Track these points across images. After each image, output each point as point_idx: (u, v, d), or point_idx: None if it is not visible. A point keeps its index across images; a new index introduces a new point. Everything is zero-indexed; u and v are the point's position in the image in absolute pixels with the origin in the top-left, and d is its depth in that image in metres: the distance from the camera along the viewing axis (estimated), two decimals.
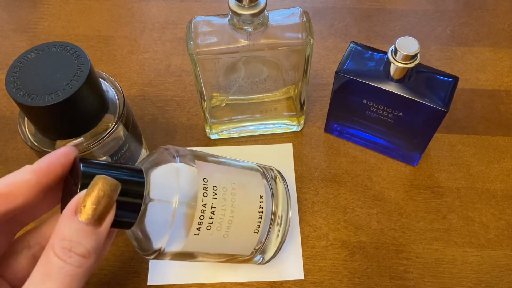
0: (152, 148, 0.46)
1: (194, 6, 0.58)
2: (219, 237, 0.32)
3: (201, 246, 0.32)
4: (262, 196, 0.34)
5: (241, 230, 0.33)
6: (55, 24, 0.56)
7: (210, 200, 0.31)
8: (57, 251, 0.24)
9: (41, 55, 0.32)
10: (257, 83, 0.42)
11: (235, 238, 0.33)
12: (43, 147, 0.34)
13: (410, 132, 0.42)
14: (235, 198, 0.32)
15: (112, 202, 0.26)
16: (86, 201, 0.25)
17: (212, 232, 0.31)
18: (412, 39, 0.36)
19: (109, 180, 0.26)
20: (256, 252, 0.35)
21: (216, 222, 0.31)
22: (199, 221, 0.31)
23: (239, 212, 0.32)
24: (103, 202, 0.25)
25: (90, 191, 0.25)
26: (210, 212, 0.31)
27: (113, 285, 0.39)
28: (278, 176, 0.37)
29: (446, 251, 0.40)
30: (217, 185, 0.32)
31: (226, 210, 0.32)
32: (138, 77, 0.52)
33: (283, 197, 0.36)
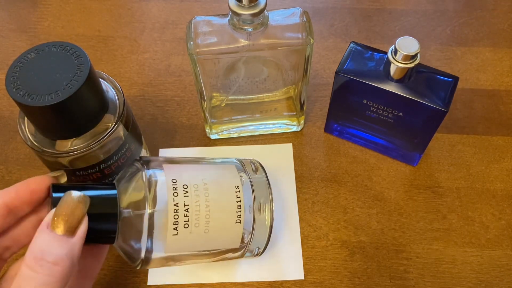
0: (152, 148, 0.46)
1: (194, 6, 0.58)
2: (200, 234, 0.32)
3: (184, 247, 0.32)
4: (237, 186, 0.34)
5: (222, 222, 0.33)
6: (55, 24, 0.56)
7: (182, 199, 0.31)
8: (28, 262, 0.25)
9: (41, 55, 0.32)
10: (257, 83, 0.42)
11: (218, 232, 0.33)
12: (43, 147, 0.34)
13: (410, 132, 0.42)
14: (208, 192, 0.32)
15: (81, 212, 0.27)
16: (56, 214, 0.26)
17: (191, 230, 0.31)
18: (412, 39, 0.36)
19: (76, 193, 0.28)
20: (247, 245, 0.35)
21: (193, 219, 0.31)
22: (174, 221, 0.31)
23: (215, 205, 0.32)
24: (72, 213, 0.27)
25: (59, 205, 0.27)
26: (184, 210, 0.31)
27: (113, 285, 0.39)
28: (259, 168, 0.37)
29: (446, 251, 0.40)
30: (187, 183, 0.32)
31: (200, 206, 0.32)
32: (138, 77, 0.52)
33: (264, 185, 0.36)
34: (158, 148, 0.47)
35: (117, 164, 0.37)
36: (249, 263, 0.40)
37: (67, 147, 0.34)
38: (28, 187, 0.29)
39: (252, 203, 0.34)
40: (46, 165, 0.37)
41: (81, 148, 0.34)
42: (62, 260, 0.25)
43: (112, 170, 0.37)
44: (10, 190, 0.29)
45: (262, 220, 0.35)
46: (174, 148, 0.47)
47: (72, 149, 0.34)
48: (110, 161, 0.36)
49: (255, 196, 0.35)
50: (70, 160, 0.35)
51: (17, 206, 0.29)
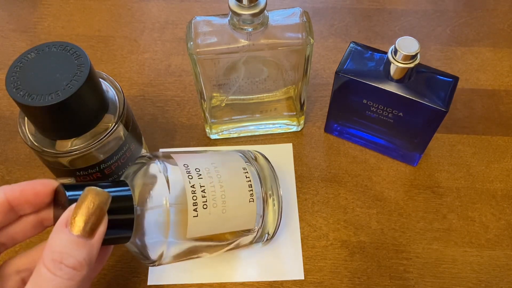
0: (152, 148, 0.46)
1: (194, 6, 0.58)
2: (219, 214, 0.32)
3: (204, 229, 0.32)
4: (244, 168, 0.34)
5: (237, 202, 0.33)
6: (55, 24, 0.56)
7: (197, 180, 0.31)
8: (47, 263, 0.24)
9: (41, 55, 0.32)
10: (257, 83, 0.42)
11: (234, 212, 0.33)
12: (43, 147, 0.34)
13: (410, 132, 0.42)
14: (220, 174, 0.33)
15: (103, 213, 0.26)
16: (77, 213, 0.25)
17: (210, 211, 0.32)
18: (412, 39, 0.36)
19: (99, 191, 0.26)
20: (259, 229, 0.35)
21: (211, 199, 0.32)
22: (193, 202, 0.31)
23: (228, 185, 0.33)
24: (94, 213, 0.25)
25: (80, 203, 0.25)
26: (201, 191, 0.31)
27: (113, 285, 0.39)
28: (258, 156, 0.38)
29: (446, 251, 0.40)
30: (199, 167, 0.32)
31: (215, 186, 0.32)
32: (138, 77, 0.52)
33: (268, 172, 0.36)
34: (158, 148, 0.47)
35: (117, 164, 0.37)
36: (249, 263, 0.40)
37: (67, 147, 0.34)
38: (34, 188, 0.29)
39: (260, 190, 0.35)
40: (46, 165, 0.37)
41: (81, 148, 0.34)
42: (81, 264, 0.25)
43: (112, 170, 0.37)
44: (15, 187, 0.28)
45: (270, 204, 0.36)
46: (174, 148, 0.47)
47: (72, 149, 0.34)
48: (110, 161, 0.36)
49: (262, 183, 0.35)
50: (70, 160, 0.35)
51: (19, 205, 0.29)
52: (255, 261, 0.40)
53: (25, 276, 0.30)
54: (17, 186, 0.28)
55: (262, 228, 0.35)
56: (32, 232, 0.30)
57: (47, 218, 0.30)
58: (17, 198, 0.28)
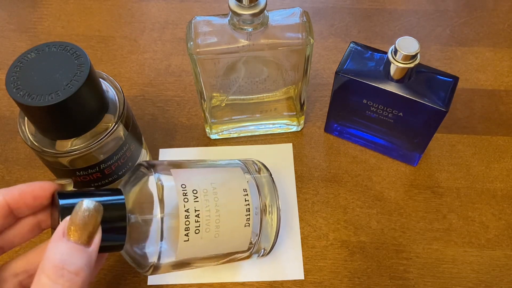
0: (152, 148, 0.46)
1: (194, 6, 0.58)
2: (211, 239, 0.32)
3: (194, 252, 0.32)
4: (245, 189, 0.34)
5: (231, 226, 0.33)
6: (55, 24, 0.56)
7: (192, 204, 0.31)
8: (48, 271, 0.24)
9: (41, 55, 0.32)
10: (257, 83, 0.42)
11: (227, 236, 0.33)
12: (43, 147, 0.34)
13: (410, 132, 0.42)
14: (217, 197, 0.32)
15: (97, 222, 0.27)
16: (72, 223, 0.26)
17: (202, 235, 0.31)
18: (412, 39, 0.36)
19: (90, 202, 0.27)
20: (254, 246, 0.35)
21: (204, 224, 0.31)
22: (185, 227, 0.31)
23: (225, 209, 0.32)
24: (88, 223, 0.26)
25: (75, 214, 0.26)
26: (195, 215, 0.31)
27: (113, 285, 0.39)
28: (262, 167, 0.37)
29: (446, 251, 0.40)
30: (197, 188, 0.32)
31: (211, 211, 0.32)
32: (138, 77, 0.52)
33: (269, 187, 0.36)
34: (158, 148, 0.47)
35: (117, 164, 0.37)
36: (249, 263, 0.40)
37: (67, 147, 0.34)
38: (32, 191, 0.29)
39: (258, 205, 0.34)
40: (46, 165, 0.37)
41: (81, 148, 0.34)
42: (83, 270, 0.25)
43: (112, 170, 0.37)
44: (13, 190, 0.28)
45: (269, 221, 0.35)
46: (174, 148, 0.47)
47: (72, 149, 0.34)
48: (110, 161, 0.36)
49: (261, 197, 0.35)
50: (70, 160, 0.35)
51: (18, 208, 0.29)
52: (255, 261, 0.40)
53: (22, 279, 0.30)
54: (16, 190, 0.29)
55: (258, 244, 0.35)
56: (30, 235, 0.30)
57: (44, 220, 0.31)
58: (16, 201, 0.28)
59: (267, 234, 0.35)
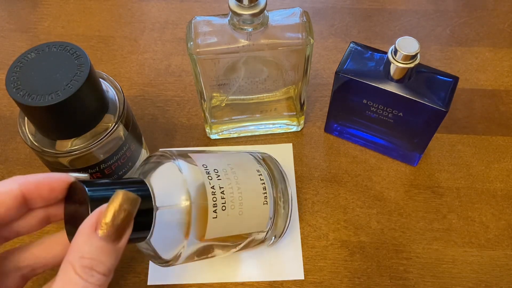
0: (152, 148, 0.46)
1: (194, 6, 0.58)
2: (236, 216, 0.32)
3: (222, 230, 0.32)
4: (258, 170, 0.35)
5: (253, 204, 0.33)
6: (55, 24, 0.56)
7: (216, 182, 0.32)
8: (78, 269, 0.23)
9: (41, 55, 0.32)
10: (257, 83, 0.42)
11: (250, 214, 0.33)
12: (43, 147, 0.34)
13: (410, 132, 0.42)
14: (237, 176, 0.33)
15: (132, 217, 0.25)
16: (107, 217, 0.24)
17: (228, 212, 0.32)
18: (412, 39, 0.36)
19: (130, 195, 0.25)
20: (269, 230, 0.35)
21: (229, 201, 0.32)
22: (213, 203, 0.31)
23: (245, 187, 0.33)
24: (124, 218, 0.24)
25: (112, 207, 0.24)
26: (220, 192, 0.31)
27: (113, 285, 0.39)
28: (265, 157, 0.38)
29: (446, 251, 0.40)
30: (217, 167, 0.32)
31: (233, 188, 0.32)
32: (138, 77, 0.52)
33: (278, 174, 0.36)
34: (158, 148, 0.47)
35: (117, 164, 0.37)
36: (249, 263, 0.40)
37: (67, 147, 0.34)
38: (50, 183, 0.27)
39: (271, 191, 0.35)
40: (46, 165, 0.37)
41: (81, 148, 0.34)
42: (110, 270, 0.24)
43: (112, 170, 0.37)
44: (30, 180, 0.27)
45: (281, 208, 0.36)
46: (174, 148, 0.47)
47: (72, 149, 0.34)
48: (110, 161, 0.36)
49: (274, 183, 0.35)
50: (70, 160, 0.35)
51: (32, 199, 0.27)
52: (255, 261, 0.40)
53: (26, 273, 0.29)
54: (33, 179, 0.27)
55: (271, 230, 0.36)
56: (37, 227, 0.29)
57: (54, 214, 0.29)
58: (32, 192, 0.27)
59: (280, 221, 0.36)
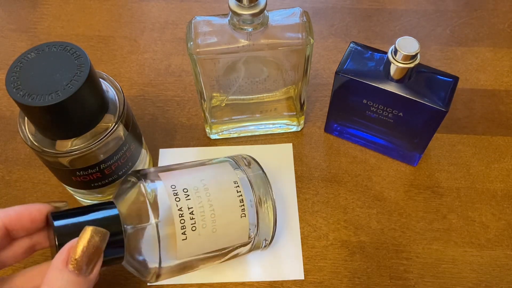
0: (152, 148, 0.46)
1: (194, 6, 0.58)
2: (209, 234, 0.32)
3: (194, 250, 0.32)
4: (236, 181, 0.34)
5: (227, 219, 0.33)
6: (55, 24, 0.56)
7: (185, 202, 0.31)
8: None
9: (41, 55, 0.32)
10: (257, 83, 0.42)
11: (225, 229, 0.33)
12: (43, 147, 0.34)
13: (410, 132, 0.42)
14: (209, 192, 0.33)
15: (101, 250, 0.27)
16: (77, 252, 0.26)
17: (199, 232, 0.32)
18: (412, 39, 0.36)
19: (98, 230, 0.27)
20: (254, 238, 0.35)
21: (199, 221, 0.32)
22: (181, 225, 0.31)
23: (218, 203, 0.33)
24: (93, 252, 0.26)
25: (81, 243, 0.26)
26: (189, 213, 0.31)
27: (113, 285, 0.39)
28: (252, 161, 0.37)
29: (446, 251, 0.40)
30: (187, 187, 0.32)
31: (204, 206, 0.32)
32: (138, 77, 0.52)
33: (260, 179, 0.36)
34: (158, 148, 0.47)
35: (117, 164, 0.37)
36: (249, 263, 0.40)
37: (67, 147, 0.34)
38: (30, 214, 0.29)
39: (252, 198, 0.34)
40: (46, 165, 0.37)
41: (81, 148, 0.34)
42: None
43: (112, 170, 0.37)
44: (11, 213, 0.29)
45: (265, 212, 0.35)
46: (174, 148, 0.47)
47: (72, 149, 0.34)
48: (110, 161, 0.36)
49: (254, 190, 0.35)
50: (70, 160, 0.35)
51: (14, 230, 0.29)
52: (255, 261, 0.40)
53: None
54: (14, 211, 0.29)
55: (258, 235, 0.35)
56: (23, 256, 0.31)
57: (39, 242, 0.31)
58: (14, 223, 0.29)
59: (266, 225, 0.36)
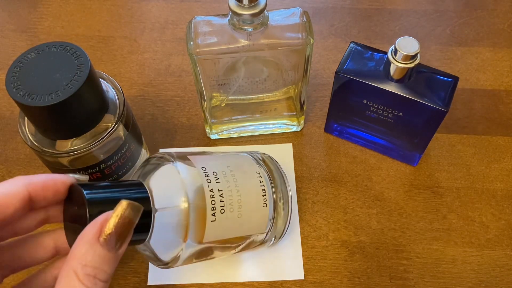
0: (152, 148, 0.46)
1: (194, 6, 0.58)
2: (234, 219, 0.32)
3: (221, 233, 0.32)
4: (258, 172, 0.35)
5: (252, 207, 0.33)
6: (55, 24, 0.56)
7: (215, 185, 0.31)
8: (82, 277, 0.24)
9: (41, 55, 0.32)
10: (257, 83, 0.42)
11: (249, 217, 0.33)
12: (43, 147, 0.34)
13: (410, 132, 0.42)
14: (236, 178, 0.33)
15: (133, 226, 0.26)
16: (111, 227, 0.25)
17: (227, 215, 0.32)
18: (412, 39, 0.36)
19: (133, 205, 0.25)
20: (269, 232, 0.35)
21: (228, 204, 0.32)
22: (211, 206, 0.31)
23: (244, 190, 0.33)
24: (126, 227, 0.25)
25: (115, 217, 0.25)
26: (219, 195, 0.31)
27: (113, 285, 0.39)
28: (265, 158, 0.37)
29: (446, 251, 0.40)
30: (216, 170, 0.32)
31: (232, 191, 0.32)
32: (138, 77, 0.52)
33: (277, 174, 0.36)
34: (158, 148, 0.47)
35: (117, 164, 0.37)
36: (249, 263, 0.40)
37: (67, 147, 0.34)
38: (55, 185, 0.27)
39: (271, 192, 0.35)
40: (46, 165, 0.37)
41: (81, 148, 0.34)
42: (110, 277, 0.25)
43: (112, 170, 0.37)
44: (37, 182, 0.27)
45: (280, 209, 0.36)
46: (174, 148, 0.47)
47: (72, 149, 0.34)
48: (110, 161, 0.36)
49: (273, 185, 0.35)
50: (70, 160, 0.35)
51: (37, 201, 0.27)
52: (255, 261, 0.40)
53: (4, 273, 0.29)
54: (39, 180, 0.27)
55: (271, 231, 0.35)
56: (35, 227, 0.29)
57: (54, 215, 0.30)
58: (39, 193, 0.27)
59: (279, 222, 0.36)
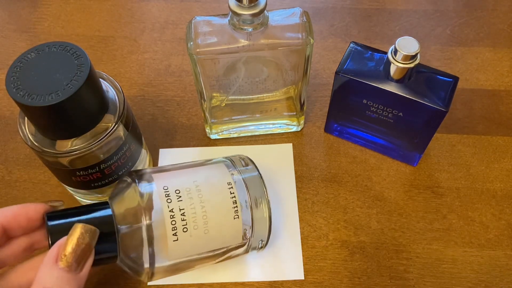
0: (152, 148, 0.46)
1: (194, 6, 0.58)
2: (201, 235, 0.32)
3: (186, 251, 0.32)
4: (229, 182, 0.34)
5: (220, 220, 0.33)
6: (55, 24, 0.56)
7: (176, 204, 0.32)
8: None
9: (41, 55, 0.32)
10: (257, 83, 0.42)
11: (217, 231, 0.33)
12: (43, 147, 0.34)
13: (410, 132, 0.42)
14: (201, 194, 0.33)
15: (91, 248, 0.27)
16: (67, 249, 0.26)
17: (191, 233, 0.32)
18: (412, 39, 0.36)
19: (87, 227, 0.27)
20: (250, 240, 0.35)
21: (191, 222, 0.32)
22: (172, 226, 0.31)
23: (211, 204, 0.33)
24: (83, 249, 0.27)
25: (70, 239, 0.27)
26: (180, 214, 0.31)
27: (113, 285, 0.39)
28: (249, 162, 0.37)
29: (446, 251, 0.40)
30: (179, 188, 0.32)
31: (196, 208, 0.32)
32: (138, 77, 0.52)
33: (257, 179, 0.36)
34: (158, 148, 0.47)
35: (117, 164, 0.37)
36: (249, 263, 0.40)
37: (67, 147, 0.34)
38: (26, 213, 0.29)
39: (247, 198, 0.34)
40: (46, 165, 0.37)
41: (81, 148, 0.34)
42: None
43: (112, 170, 0.37)
44: (6, 211, 0.29)
45: (260, 213, 0.35)
46: (174, 148, 0.47)
47: (72, 149, 0.34)
48: (110, 161, 0.36)
49: (250, 191, 0.35)
50: (70, 160, 0.35)
51: (11, 229, 0.29)
52: (255, 261, 0.40)
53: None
54: (10, 211, 0.29)
55: (253, 237, 0.35)
56: (23, 254, 0.31)
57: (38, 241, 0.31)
58: (10, 222, 0.29)
59: (261, 226, 0.35)
